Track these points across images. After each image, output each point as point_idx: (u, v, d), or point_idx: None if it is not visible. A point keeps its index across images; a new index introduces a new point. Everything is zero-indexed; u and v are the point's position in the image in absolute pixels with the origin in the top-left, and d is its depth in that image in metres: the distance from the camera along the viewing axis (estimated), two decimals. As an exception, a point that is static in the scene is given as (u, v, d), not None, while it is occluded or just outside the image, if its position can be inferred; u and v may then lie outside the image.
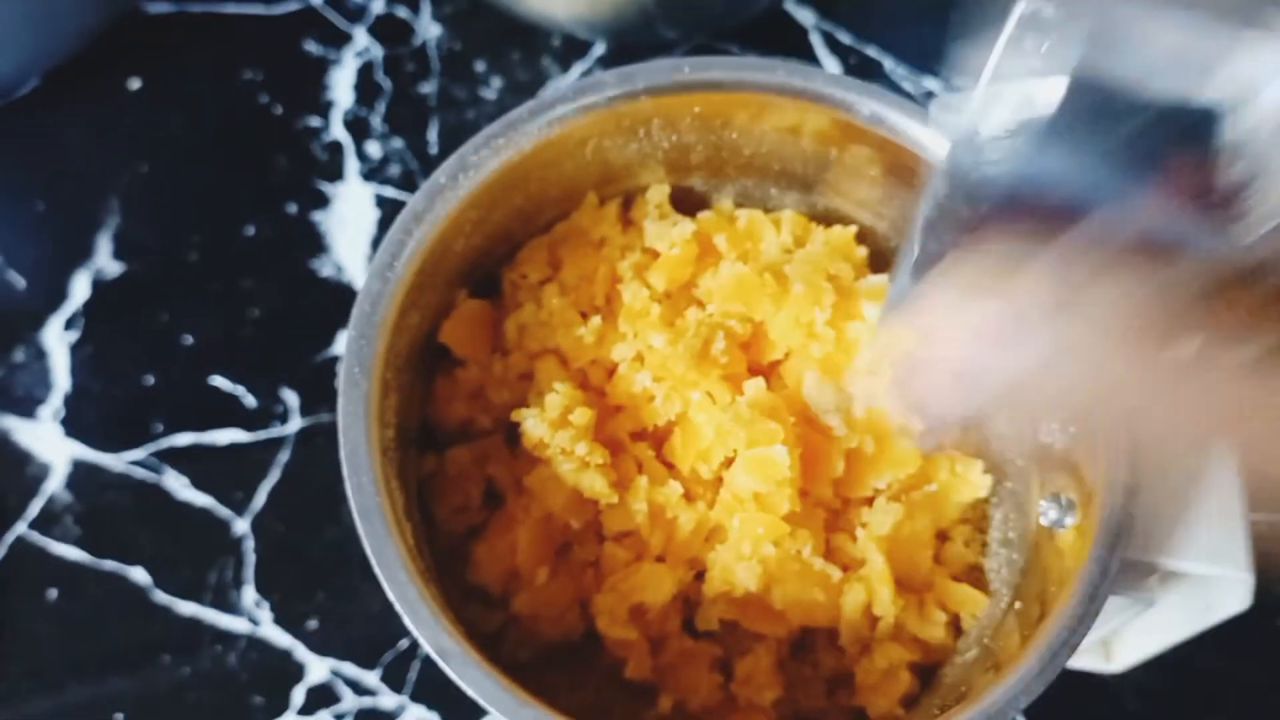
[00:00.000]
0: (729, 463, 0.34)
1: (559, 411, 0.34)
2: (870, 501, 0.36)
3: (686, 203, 0.39)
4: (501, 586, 0.35)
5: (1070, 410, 0.33)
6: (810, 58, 0.58)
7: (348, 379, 0.30)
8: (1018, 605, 0.33)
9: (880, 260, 0.39)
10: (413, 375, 0.35)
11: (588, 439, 0.34)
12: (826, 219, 0.39)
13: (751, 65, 0.35)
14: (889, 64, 0.58)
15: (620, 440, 0.35)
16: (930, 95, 0.57)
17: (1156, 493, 0.31)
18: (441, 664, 0.28)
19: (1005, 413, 0.37)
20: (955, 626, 0.36)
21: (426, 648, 0.28)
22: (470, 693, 0.28)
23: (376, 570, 0.28)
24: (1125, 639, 0.41)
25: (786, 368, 0.36)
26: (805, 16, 0.59)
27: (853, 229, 0.38)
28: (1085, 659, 0.42)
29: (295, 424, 0.48)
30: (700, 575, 0.35)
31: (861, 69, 0.58)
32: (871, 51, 0.58)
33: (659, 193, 0.38)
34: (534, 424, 0.34)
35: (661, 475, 0.35)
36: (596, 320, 0.36)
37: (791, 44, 0.58)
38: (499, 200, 0.35)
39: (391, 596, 0.28)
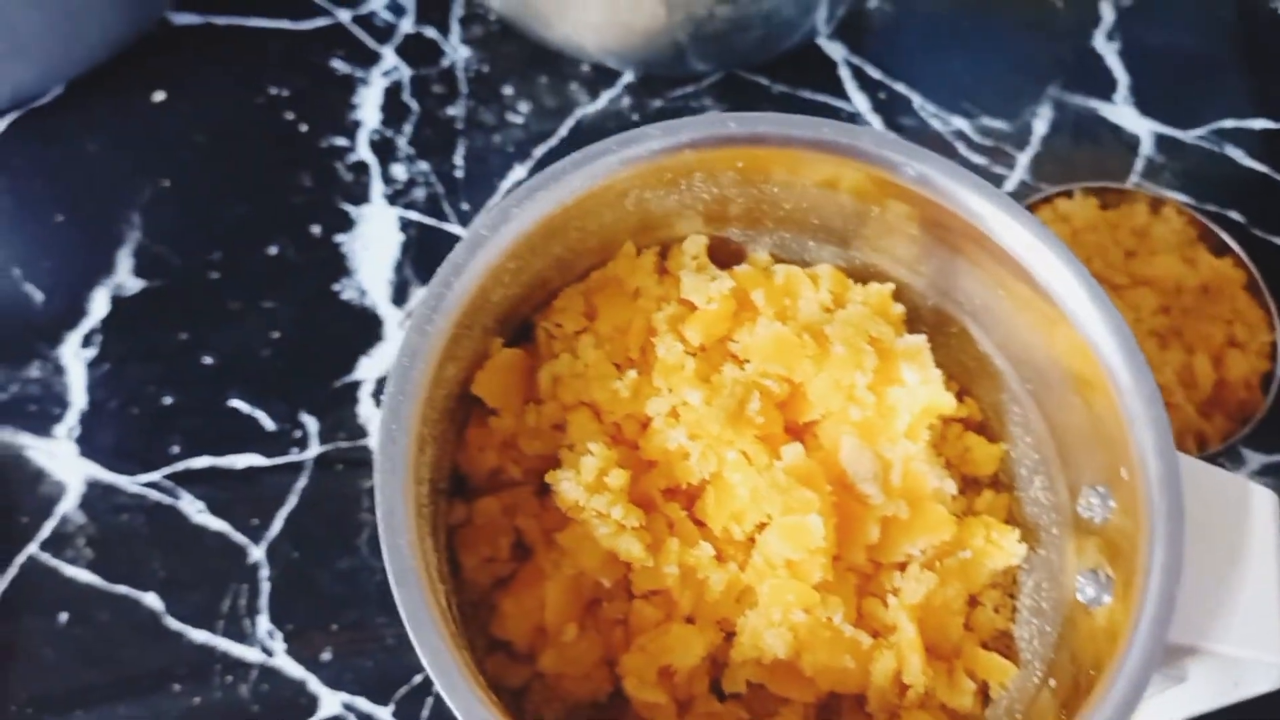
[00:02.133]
0: (762, 526, 0.34)
1: (595, 475, 0.33)
2: (903, 566, 0.36)
3: (723, 253, 0.39)
4: (528, 642, 0.34)
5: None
6: (839, 92, 0.58)
7: (385, 436, 0.30)
8: (1052, 683, 0.33)
9: (916, 318, 0.39)
10: (446, 425, 0.34)
11: (624, 502, 0.33)
12: (863, 274, 0.39)
13: (797, 123, 0.34)
14: (917, 100, 0.58)
15: (652, 498, 0.35)
16: (959, 134, 0.57)
17: (1196, 573, 0.31)
18: (473, 733, 0.28)
19: (1040, 480, 0.37)
20: (984, 695, 0.36)
21: (460, 717, 0.28)
22: (501, 760, 0.28)
23: (411, 636, 0.28)
24: (1149, 707, 0.41)
25: (823, 428, 0.36)
26: (835, 50, 0.58)
27: (890, 286, 0.38)
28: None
29: (314, 450, 0.48)
30: (729, 635, 0.35)
31: (890, 105, 0.58)
32: (900, 88, 0.58)
33: (696, 244, 0.38)
34: (569, 486, 0.33)
35: (693, 536, 0.34)
36: (632, 374, 0.35)
37: (821, 78, 0.58)
38: (538, 250, 0.34)
39: (425, 663, 0.28)
